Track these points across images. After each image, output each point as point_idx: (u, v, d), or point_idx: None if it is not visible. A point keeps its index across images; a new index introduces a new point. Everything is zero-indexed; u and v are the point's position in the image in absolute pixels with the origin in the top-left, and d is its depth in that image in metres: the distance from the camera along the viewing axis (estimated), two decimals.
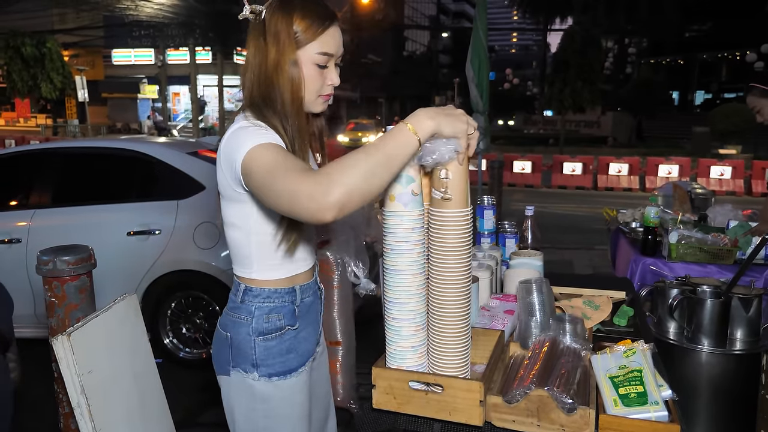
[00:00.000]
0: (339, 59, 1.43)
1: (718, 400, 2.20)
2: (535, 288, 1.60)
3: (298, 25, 1.33)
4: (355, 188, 1.07)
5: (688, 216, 3.42)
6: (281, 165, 1.15)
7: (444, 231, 1.29)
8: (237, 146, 1.25)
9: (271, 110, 1.33)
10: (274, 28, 1.33)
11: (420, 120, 1.15)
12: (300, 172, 1.11)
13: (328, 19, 1.36)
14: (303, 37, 1.33)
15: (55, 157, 4.26)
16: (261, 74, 1.35)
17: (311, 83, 1.38)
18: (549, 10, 32.34)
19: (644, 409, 1.23)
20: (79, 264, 2.19)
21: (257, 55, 1.35)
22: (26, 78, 22.99)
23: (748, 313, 2.17)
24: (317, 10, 1.35)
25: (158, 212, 3.83)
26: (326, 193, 1.05)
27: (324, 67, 1.38)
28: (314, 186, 1.07)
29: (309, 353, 1.49)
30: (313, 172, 1.11)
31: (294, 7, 1.34)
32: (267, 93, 1.35)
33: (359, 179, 1.07)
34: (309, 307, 1.48)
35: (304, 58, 1.35)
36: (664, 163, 14.00)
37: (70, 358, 1.63)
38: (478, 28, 6.58)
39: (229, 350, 1.42)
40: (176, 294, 3.89)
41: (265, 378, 1.41)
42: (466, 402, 1.30)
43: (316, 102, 1.42)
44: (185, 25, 21.41)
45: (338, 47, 1.40)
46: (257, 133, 1.25)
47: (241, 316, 1.42)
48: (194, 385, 3.70)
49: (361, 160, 1.09)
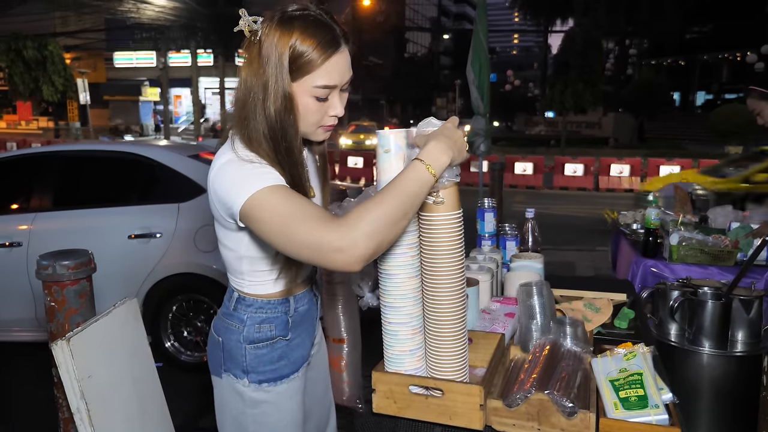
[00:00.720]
0: (346, 85, 1.28)
1: (720, 402, 2.19)
2: (535, 291, 1.59)
3: (295, 53, 1.18)
4: (383, 238, 1.06)
5: (688, 217, 3.41)
6: (298, 213, 1.09)
7: (436, 234, 1.29)
8: (233, 187, 1.16)
9: (262, 137, 1.21)
10: (267, 51, 1.18)
11: (436, 157, 1.13)
12: (322, 222, 1.06)
13: (331, 47, 1.20)
14: (300, 71, 1.19)
15: (56, 160, 4.26)
16: (254, 99, 1.21)
17: (309, 116, 1.25)
18: (550, 12, 32.37)
19: (645, 412, 1.23)
20: (78, 268, 2.19)
21: (249, 77, 1.21)
22: (28, 81, 23.05)
23: (749, 315, 2.17)
24: (320, 35, 1.18)
25: (159, 215, 3.83)
26: (355, 246, 1.03)
27: (324, 100, 1.25)
28: (341, 238, 1.03)
29: (303, 359, 1.45)
30: (337, 221, 1.06)
31: (293, 31, 1.18)
32: (262, 119, 1.21)
33: (385, 227, 1.06)
34: (303, 316, 1.44)
35: (301, 90, 1.22)
36: (665, 164, 13.99)
37: (70, 363, 1.63)
38: (479, 30, 6.59)
39: (221, 354, 1.40)
40: (177, 297, 3.89)
41: (255, 384, 1.37)
42: (467, 406, 1.29)
43: (315, 132, 1.31)
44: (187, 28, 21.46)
45: (343, 76, 1.24)
46: (255, 174, 1.15)
47: (232, 324, 1.38)
48: (195, 388, 3.69)
49: (385, 205, 1.06)
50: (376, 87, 40.79)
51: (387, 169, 1.31)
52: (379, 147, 1.31)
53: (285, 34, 1.18)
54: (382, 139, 1.30)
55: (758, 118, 3.21)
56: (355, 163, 16.00)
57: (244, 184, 1.14)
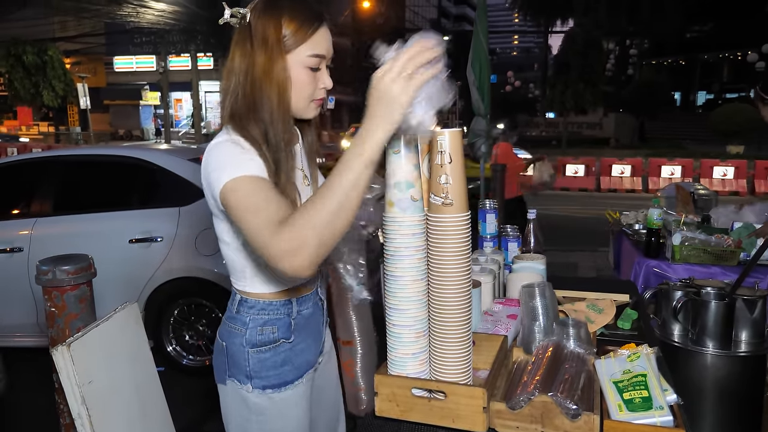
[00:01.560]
0: (329, 61, 1.35)
1: (724, 402, 2.18)
2: (537, 292, 1.59)
3: (287, 28, 1.25)
4: (325, 243, 1.03)
5: (691, 217, 3.40)
6: (257, 209, 1.11)
7: (443, 236, 1.29)
8: (216, 168, 1.21)
9: (253, 120, 1.26)
10: (261, 32, 1.25)
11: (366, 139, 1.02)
12: (272, 227, 1.05)
13: (317, 20, 1.28)
14: (293, 40, 1.26)
15: (57, 165, 4.26)
16: (247, 81, 1.27)
17: (304, 88, 1.30)
18: (550, 12, 32.35)
19: (649, 414, 1.22)
20: (78, 273, 2.19)
21: (243, 61, 1.27)
22: (28, 86, 23.08)
23: (753, 315, 2.15)
24: (306, 11, 1.27)
25: (160, 219, 3.83)
26: (295, 255, 1.01)
27: (316, 69, 1.31)
28: (284, 248, 1.02)
29: (308, 365, 1.44)
30: (285, 228, 1.03)
31: (281, 8, 1.26)
32: (253, 101, 1.27)
33: (327, 232, 1.02)
34: (308, 319, 1.44)
35: (295, 61, 1.27)
36: (666, 164, 13.98)
37: (70, 369, 1.63)
38: (479, 31, 6.58)
39: (225, 359, 1.40)
40: (179, 301, 3.89)
41: (259, 390, 1.37)
42: (470, 408, 1.29)
43: (308, 107, 1.34)
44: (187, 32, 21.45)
45: (329, 48, 1.32)
46: (238, 160, 1.19)
47: (235, 327, 1.39)
48: (197, 392, 3.69)
49: (324, 207, 1.02)
50: None
51: (396, 171, 1.31)
52: (388, 148, 1.30)
53: (275, 12, 1.25)
54: (392, 140, 1.30)
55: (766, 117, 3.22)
56: None
57: (226, 168, 1.18)
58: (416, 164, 1.33)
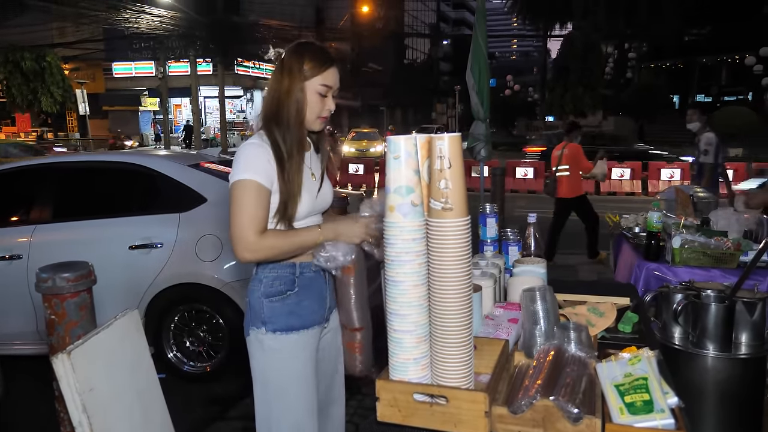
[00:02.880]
0: (335, 92, 1.84)
1: (725, 405, 2.18)
2: (538, 296, 1.58)
3: (306, 64, 1.75)
4: (266, 258, 1.72)
5: (690, 220, 3.40)
6: (243, 208, 1.66)
7: (443, 240, 1.29)
8: (236, 165, 1.72)
9: (276, 125, 1.75)
10: (288, 64, 1.76)
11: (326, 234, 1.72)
12: (246, 223, 1.65)
13: (329, 61, 1.79)
14: (310, 72, 1.76)
15: (56, 172, 4.25)
16: (275, 97, 1.77)
17: (314, 107, 1.78)
18: (549, 16, 32.41)
19: (650, 417, 1.22)
20: (78, 281, 2.18)
21: (275, 84, 1.78)
22: (26, 92, 22.99)
23: (753, 317, 2.16)
24: (322, 54, 1.79)
25: (160, 225, 3.82)
26: (252, 254, 1.67)
27: (324, 96, 1.79)
28: (245, 243, 1.64)
29: (313, 322, 1.82)
30: (252, 231, 1.64)
31: (305, 51, 1.78)
32: (277, 111, 1.76)
33: (275, 256, 1.72)
34: (311, 281, 1.82)
35: (310, 88, 1.76)
36: (666, 167, 13.98)
37: (71, 377, 1.62)
38: (478, 36, 6.59)
39: (249, 312, 1.82)
40: (179, 307, 3.88)
41: (271, 333, 1.77)
42: (471, 413, 1.29)
43: (315, 122, 1.82)
44: (186, 37, 21.47)
45: (336, 82, 1.82)
46: (254, 164, 1.70)
47: (254, 284, 1.81)
48: (199, 399, 3.68)
49: (286, 246, 1.70)
50: (375, 93, 40.88)
51: (396, 176, 1.31)
52: (388, 153, 1.32)
53: (300, 52, 1.78)
54: (393, 145, 1.31)
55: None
56: (356, 169, 16.02)
57: (240, 167, 1.70)
58: (416, 169, 1.33)
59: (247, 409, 3.54)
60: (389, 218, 1.33)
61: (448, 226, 1.29)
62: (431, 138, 1.32)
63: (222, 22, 20.89)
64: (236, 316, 3.74)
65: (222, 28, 20.60)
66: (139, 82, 30.32)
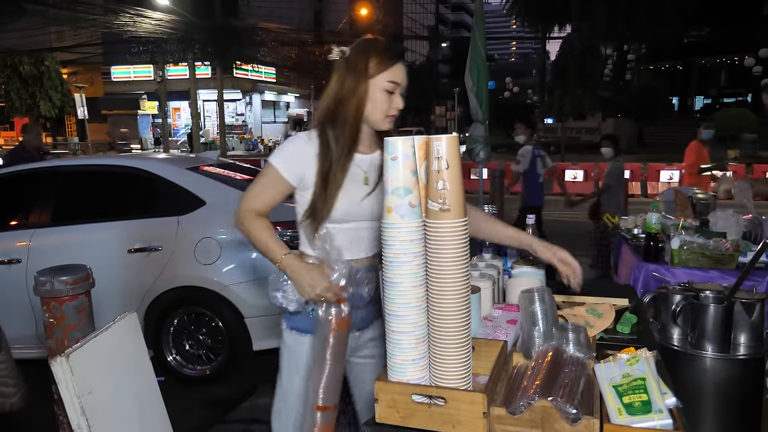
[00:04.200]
0: (403, 89, 1.77)
1: (723, 405, 2.18)
2: (536, 297, 1.58)
3: (372, 60, 1.70)
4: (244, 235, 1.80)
5: (689, 221, 3.40)
6: (254, 184, 1.79)
7: (441, 242, 1.29)
8: (277, 148, 1.83)
9: (331, 125, 1.74)
10: (353, 62, 1.71)
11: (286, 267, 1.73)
12: (248, 197, 1.78)
13: (395, 58, 1.74)
14: (375, 70, 1.70)
15: (55, 176, 4.25)
16: (336, 97, 1.73)
17: (381, 105, 1.73)
18: (547, 19, 32.43)
19: (648, 417, 1.22)
20: (77, 284, 2.18)
21: (337, 83, 1.73)
22: (24, 97, 22.84)
23: (751, 318, 2.16)
24: (388, 51, 1.74)
25: (159, 228, 3.82)
26: (235, 218, 1.79)
27: (391, 93, 1.73)
28: (236, 212, 1.77)
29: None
30: (247, 205, 1.77)
31: (370, 47, 1.73)
32: (336, 112, 1.73)
33: (247, 238, 1.79)
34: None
35: (376, 85, 1.71)
36: (665, 168, 13.98)
37: (69, 380, 1.62)
38: (476, 38, 6.59)
39: None
40: (178, 311, 3.88)
41: (288, 329, 1.89)
42: (470, 414, 1.29)
43: (384, 121, 1.76)
44: (184, 40, 21.44)
45: (403, 79, 1.75)
46: (285, 153, 1.78)
47: None
48: (199, 402, 3.68)
49: (254, 240, 1.77)
50: None
51: (394, 177, 1.31)
52: (386, 154, 1.32)
53: (366, 49, 1.73)
54: (390, 146, 1.32)
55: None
56: None
57: (275, 152, 1.80)
58: (414, 170, 1.33)
59: (247, 412, 3.56)
60: (387, 219, 1.33)
61: (446, 227, 1.29)
62: (429, 139, 1.32)
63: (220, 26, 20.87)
64: (236, 319, 3.75)
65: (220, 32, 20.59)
66: (138, 86, 30.29)
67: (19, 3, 20.10)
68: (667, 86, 33.02)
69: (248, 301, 3.71)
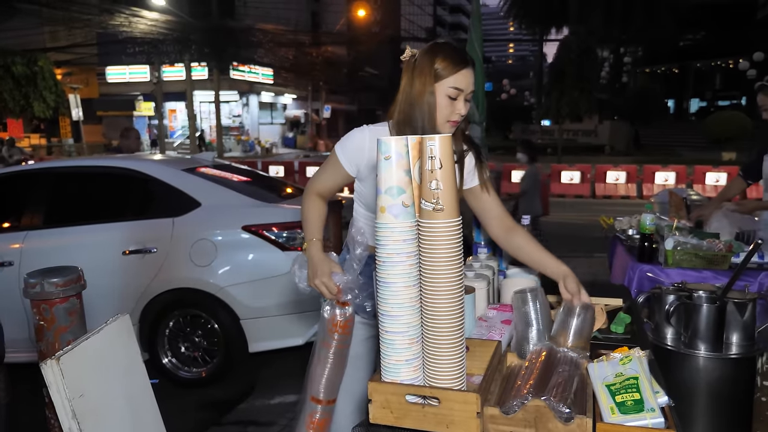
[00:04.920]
0: (469, 95, 1.78)
1: (715, 405, 2.19)
2: (530, 298, 1.59)
3: (439, 64, 1.71)
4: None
5: (683, 222, 3.41)
6: (321, 170, 1.92)
7: (435, 241, 1.29)
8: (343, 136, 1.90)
9: (409, 128, 1.75)
10: (420, 65, 1.73)
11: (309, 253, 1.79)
12: (313, 178, 1.93)
13: (462, 63, 1.74)
14: (440, 74, 1.72)
15: (48, 177, 4.23)
16: (407, 100, 1.76)
17: (442, 110, 1.75)
18: (545, 21, 32.48)
19: (641, 416, 1.22)
20: (67, 285, 2.15)
21: (406, 85, 1.77)
22: (18, 98, 22.50)
23: (743, 318, 2.16)
24: (455, 56, 1.74)
25: (154, 230, 3.81)
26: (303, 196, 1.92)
27: (454, 99, 1.75)
28: (306, 189, 1.91)
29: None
30: (311, 185, 1.91)
31: (438, 51, 1.74)
32: (410, 115, 1.75)
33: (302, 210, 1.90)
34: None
35: (440, 90, 1.73)
36: (660, 170, 14.04)
37: (60, 383, 1.61)
38: (473, 40, 6.58)
39: None
40: (174, 313, 3.86)
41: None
42: (463, 414, 1.29)
43: (444, 125, 1.78)
44: (180, 41, 21.42)
45: (468, 85, 1.76)
46: (348, 143, 1.85)
47: None
48: (194, 404, 3.67)
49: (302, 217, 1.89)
50: (372, 97, 40.90)
51: (387, 177, 1.32)
52: (379, 154, 1.32)
53: (434, 52, 1.74)
54: (383, 146, 1.32)
55: (764, 113, 3.30)
56: None
57: (341, 140, 1.88)
58: (407, 170, 1.34)
59: (243, 414, 3.55)
60: (380, 219, 1.33)
61: (439, 227, 1.29)
62: (422, 138, 1.32)
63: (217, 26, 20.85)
64: (232, 321, 3.74)
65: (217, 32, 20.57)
66: (134, 87, 30.18)
67: (11, 2, 19.95)
68: (663, 89, 33.11)
69: (244, 302, 3.71)
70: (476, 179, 1.96)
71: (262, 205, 3.95)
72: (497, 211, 1.93)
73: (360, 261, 1.71)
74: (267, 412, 3.57)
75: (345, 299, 1.74)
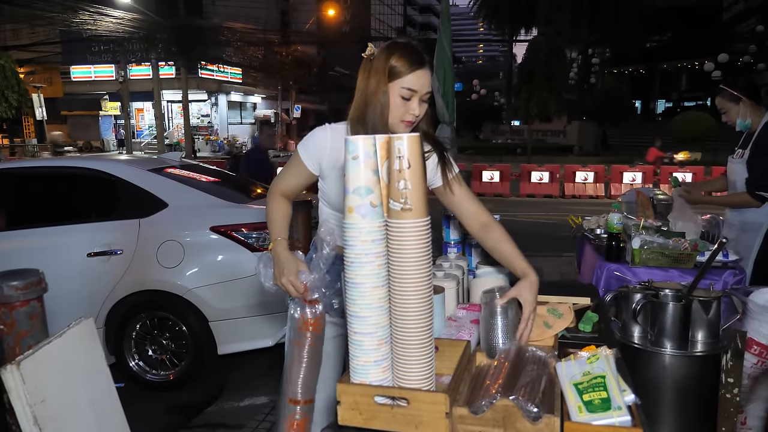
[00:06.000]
0: (425, 96, 1.76)
1: (682, 402, 2.23)
2: (497, 297, 1.59)
3: (394, 63, 1.70)
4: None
5: (650, 222, 3.47)
6: (284, 171, 1.94)
7: (403, 241, 1.28)
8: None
9: (362, 127, 1.74)
10: (376, 63, 1.72)
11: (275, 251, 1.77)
12: (276, 178, 1.95)
13: (418, 64, 1.71)
14: (395, 73, 1.70)
15: (10, 178, 4.11)
16: (362, 96, 1.76)
17: (395, 110, 1.74)
18: (514, 22, 32.81)
19: (608, 414, 1.23)
20: (28, 289, 2.08)
21: (363, 82, 1.76)
22: None
23: (708, 315, 2.21)
24: (412, 56, 1.71)
25: (119, 232, 3.74)
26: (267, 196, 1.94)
27: (408, 99, 1.73)
28: (270, 189, 1.92)
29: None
30: (274, 185, 1.92)
31: (395, 50, 1.72)
32: (364, 111, 1.75)
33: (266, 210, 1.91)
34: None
35: (393, 89, 1.72)
36: (628, 170, 14.29)
37: (20, 388, 1.57)
38: (442, 39, 6.61)
39: None
40: (141, 315, 3.79)
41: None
42: (432, 415, 1.28)
43: (398, 125, 1.77)
44: (147, 40, 21.03)
45: (423, 86, 1.74)
46: (310, 143, 1.85)
47: None
48: (162, 408, 3.61)
49: (267, 217, 1.89)
50: (343, 97, 40.75)
51: (355, 176, 1.30)
52: (347, 153, 1.30)
53: (390, 51, 1.72)
54: (351, 145, 1.30)
55: (723, 116, 3.36)
56: None
57: (303, 140, 1.88)
58: (375, 170, 1.32)
59: (212, 416, 3.50)
60: (348, 219, 1.32)
61: (408, 227, 1.28)
62: (390, 138, 1.31)
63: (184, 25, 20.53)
64: (200, 323, 3.68)
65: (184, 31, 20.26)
66: (99, 86, 29.56)
67: None
68: (630, 90, 33.75)
69: (212, 304, 3.66)
70: (440, 179, 1.92)
71: (231, 206, 3.90)
72: (471, 208, 1.89)
73: (327, 260, 1.68)
74: (236, 414, 3.53)
75: (312, 297, 1.71)
